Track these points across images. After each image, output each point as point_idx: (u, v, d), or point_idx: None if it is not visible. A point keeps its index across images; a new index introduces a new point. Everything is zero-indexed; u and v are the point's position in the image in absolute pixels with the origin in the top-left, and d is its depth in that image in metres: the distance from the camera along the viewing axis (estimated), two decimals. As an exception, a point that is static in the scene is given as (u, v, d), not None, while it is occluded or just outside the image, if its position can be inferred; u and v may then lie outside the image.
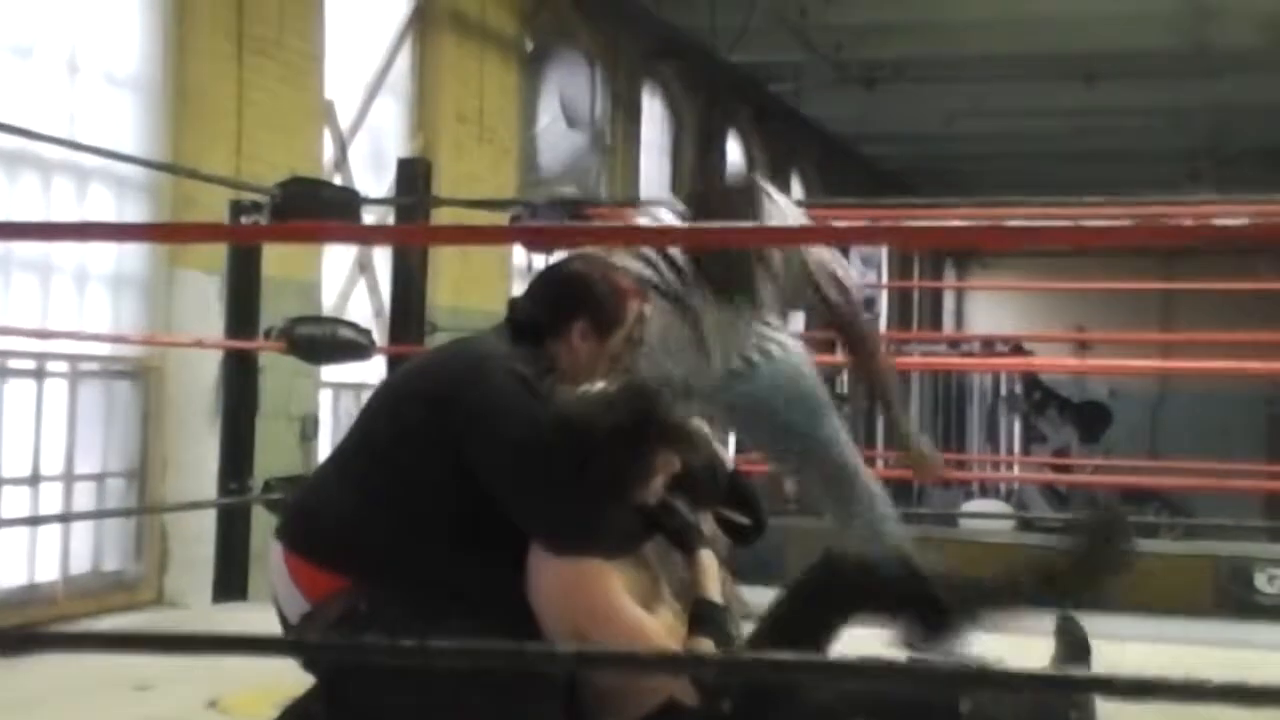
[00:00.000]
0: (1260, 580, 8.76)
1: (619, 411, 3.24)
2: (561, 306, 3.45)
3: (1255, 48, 13.01)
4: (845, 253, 15.86)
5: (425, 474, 3.29)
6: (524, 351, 3.40)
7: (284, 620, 3.37)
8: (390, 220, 7.91)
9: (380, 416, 3.46)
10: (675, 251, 4.33)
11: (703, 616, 3.31)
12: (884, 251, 19.46)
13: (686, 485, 3.42)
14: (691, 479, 3.43)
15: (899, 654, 3.51)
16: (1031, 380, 16.53)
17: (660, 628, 3.26)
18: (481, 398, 3.26)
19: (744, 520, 3.56)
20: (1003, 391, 16.76)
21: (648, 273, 4.24)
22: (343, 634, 3.21)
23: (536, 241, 3.86)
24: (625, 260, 4.05)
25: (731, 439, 4.71)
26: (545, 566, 3.25)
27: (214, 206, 6.82)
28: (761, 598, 3.71)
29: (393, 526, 3.29)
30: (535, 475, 3.23)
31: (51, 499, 7.05)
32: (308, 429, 8.52)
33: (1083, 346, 16.60)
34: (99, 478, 7.38)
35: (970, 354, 16.46)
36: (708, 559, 3.38)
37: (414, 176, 6.99)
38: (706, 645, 3.25)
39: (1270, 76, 14.00)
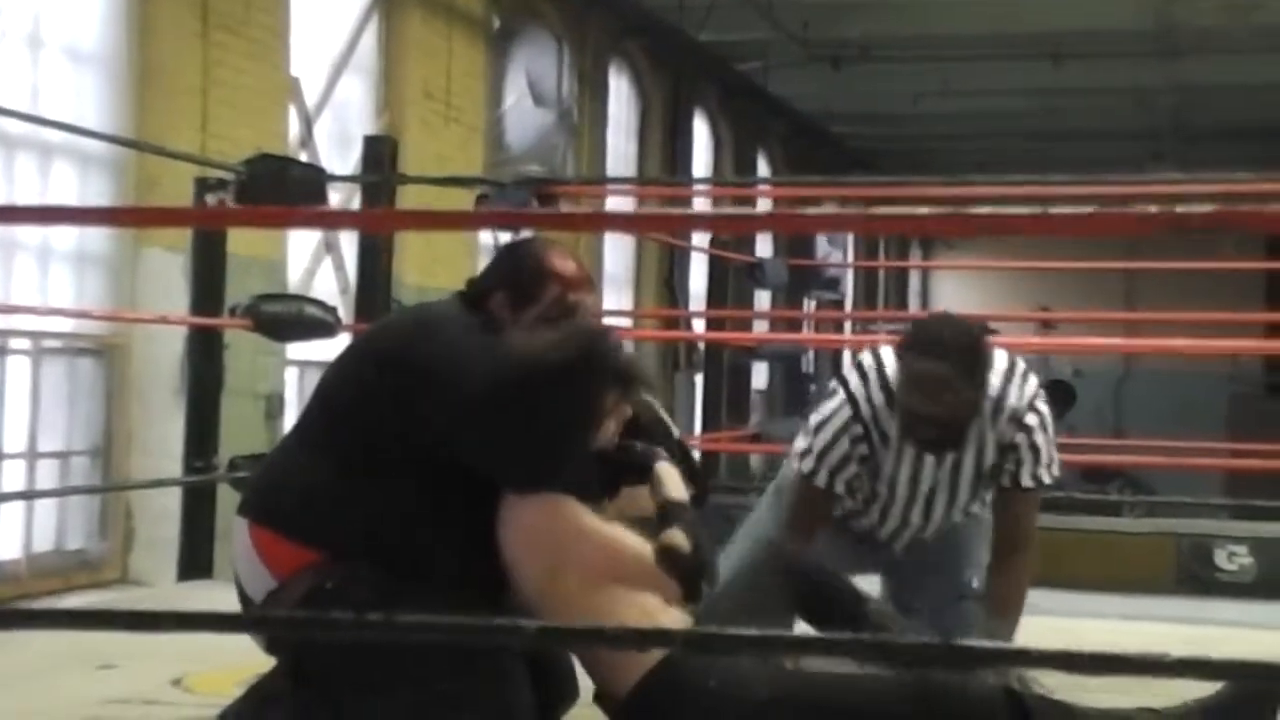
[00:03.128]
0: (1220, 558, 8.83)
1: (567, 348, 3.27)
2: (492, 274, 3.57)
3: (1219, 28, 13.09)
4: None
5: (385, 436, 3.30)
6: (472, 319, 3.46)
7: (247, 600, 3.36)
8: (356, 199, 7.89)
9: (337, 383, 3.47)
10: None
11: (670, 514, 3.35)
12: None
13: (639, 433, 3.51)
14: (644, 428, 3.51)
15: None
16: (996, 359, 16.56)
17: (635, 540, 3.30)
18: (430, 354, 3.30)
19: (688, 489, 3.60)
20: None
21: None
22: (313, 609, 3.21)
23: (500, 225, 3.87)
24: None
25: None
26: (514, 512, 3.27)
27: (179, 183, 6.79)
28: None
29: (359, 492, 3.28)
30: (492, 417, 3.25)
31: (15, 477, 7.02)
32: (273, 407, 8.50)
33: (1047, 325, 16.65)
34: (63, 455, 7.36)
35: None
36: (665, 469, 3.43)
37: (380, 154, 6.97)
38: (679, 536, 3.28)
39: (1233, 57, 14.09)
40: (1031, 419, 4.03)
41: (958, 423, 3.96)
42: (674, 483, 3.43)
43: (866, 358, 4.16)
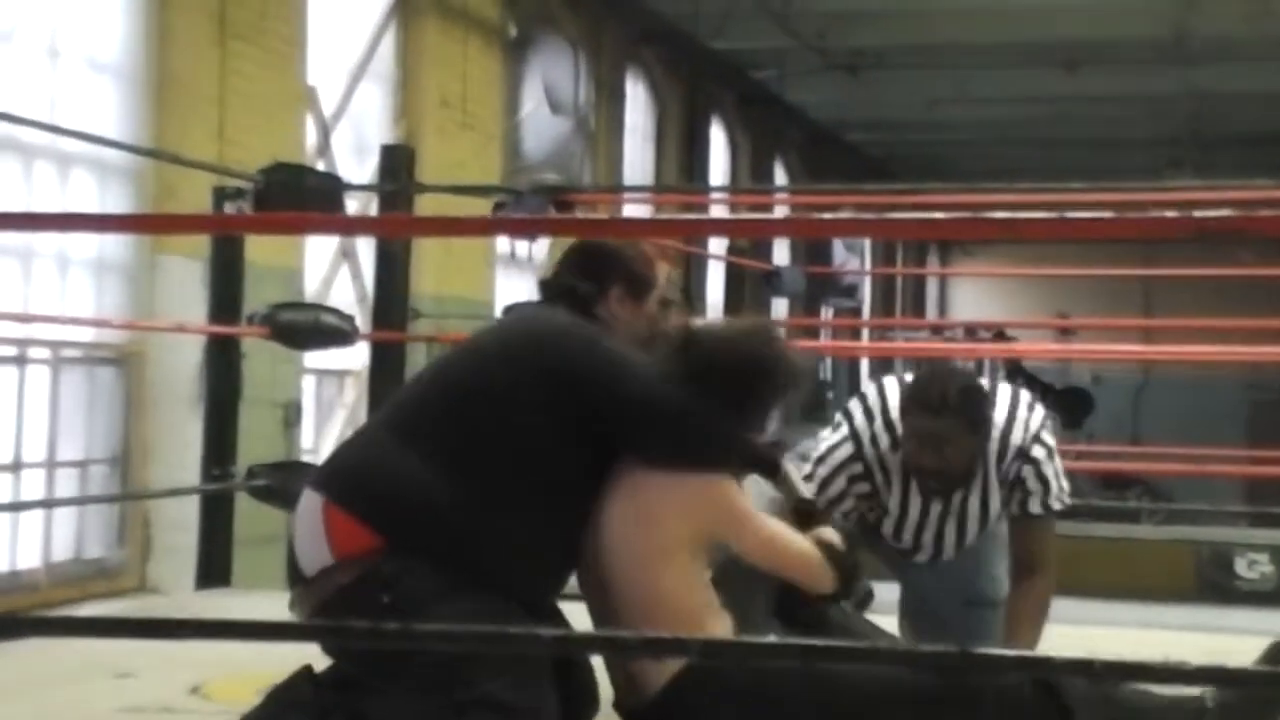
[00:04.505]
0: (1240, 565, 8.80)
1: (747, 345, 3.50)
2: (599, 275, 3.62)
3: (1234, 35, 13.05)
4: (827, 238, 15.86)
5: (513, 440, 3.34)
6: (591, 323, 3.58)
7: (298, 575, 3.36)
8: (373, 207, 7.89)
9: (465, 384, 3.48)
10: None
11: (810, 512, 3.55)
12: (867, 238, 19.48)
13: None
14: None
15: None
16: (1014, 366, 16.55)
17: (795, 534, 3.44)
18: (593, 359, 3.42)
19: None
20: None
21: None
22: (357, 593, 3.22)
23: (518, 233, 3.89)
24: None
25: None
26: (673, 485, 3.37)
27: (197, 193, 6.80)
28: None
29: (452, 493, 3.30)
30: (664, 402, 3.41)
31: (34, 486, 7.04)
32: (291, 415, 8.51)
33: (1065, 332, 16.62)
34: (81, 464, 7.37)
35: (953, 340, 16.49)
36: (792, 469, 3.64)
37: (397, 163, 6.98)
38: (833, 534, 3.47)
39: (1249, 64, 14.05)
40: (1038, 451, 4.05)
41: (961, 472, 4.01)
42: (801, 483, 3.62)
43: (871, 393, 4.17)
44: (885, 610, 4.15)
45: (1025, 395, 4.13)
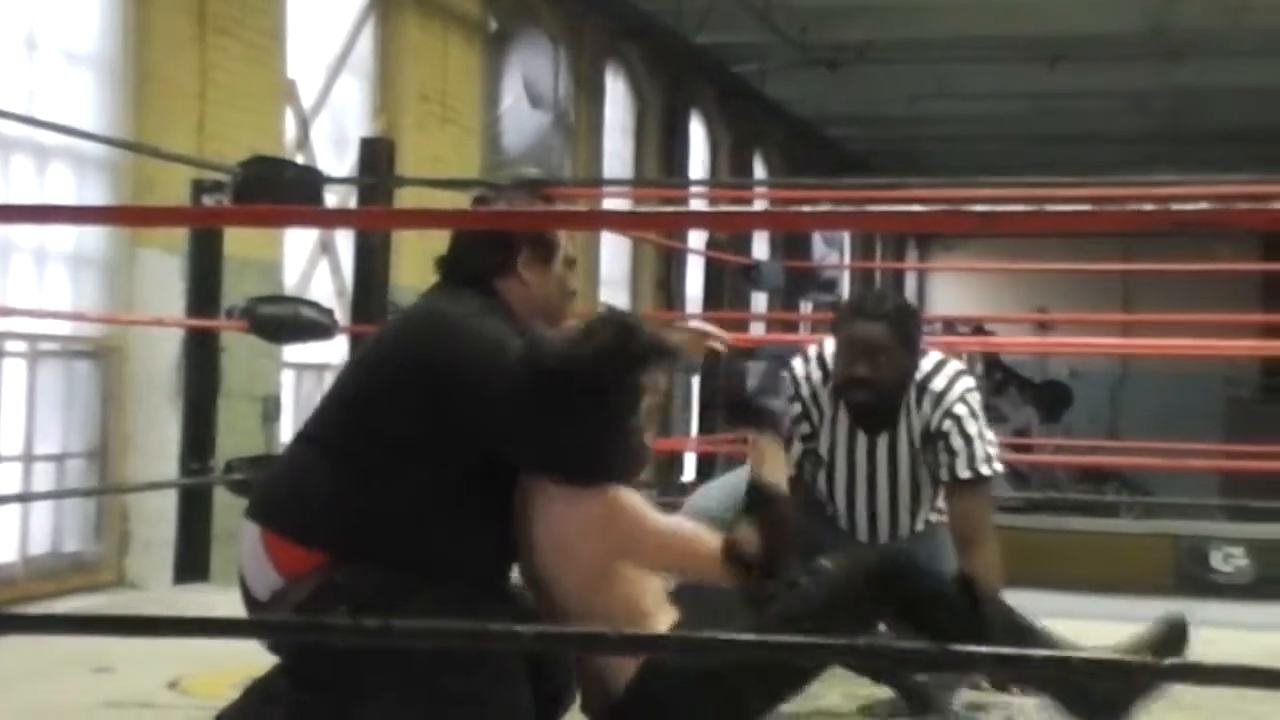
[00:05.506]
0: (1217, 559, 8.84)
1: (600, 336, 3.34)
2: (503, 242, 3.53)
3: (1214, 30, 13.10)
4: (807, 232, 15.88)
5: (406, 439, 3.31)
6: (478, 302, 3.45)
7: (252, 600, 3.36)
8: (353, 200, 7.88)
9: (353, 387, 3.47)
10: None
11: (754, 502, 3.38)
12: (846, 232, 19.50)
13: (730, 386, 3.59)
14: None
15: None
16: (993, 360, 16.61)
17: (692, 532, 3.38)
18: (460, 355, 3.31)
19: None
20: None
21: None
22: (315, 608, 3.21)
23: (497, 226, 3.89)
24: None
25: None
26: (569, 508, 3.30)
27: (175, 185, 6.78)
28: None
29: (372, 495, 3.30)
30: (536, 415, 3.29)
31: (11, 479, 7.01)
32: (270, 410, 8.49)
33: (1044, 327, 16.68)
34: (59, 458, 7.34)
35: (932, 334, 16.51)
36: (771, 445, 3.48)
37: (377, 157, 6.97)
38: (746, 533, 3.31)
39: (1229, 59, 14.10)
40: (960, 409, 4.18)
41: (888, 387, 4.14)
42: (775, 461, 3.48)
43: (812, 346, 4.36)
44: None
45: (957, 363, 4.31)
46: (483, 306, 3.44)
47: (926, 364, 4.22)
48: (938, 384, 4.19)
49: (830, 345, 4.27)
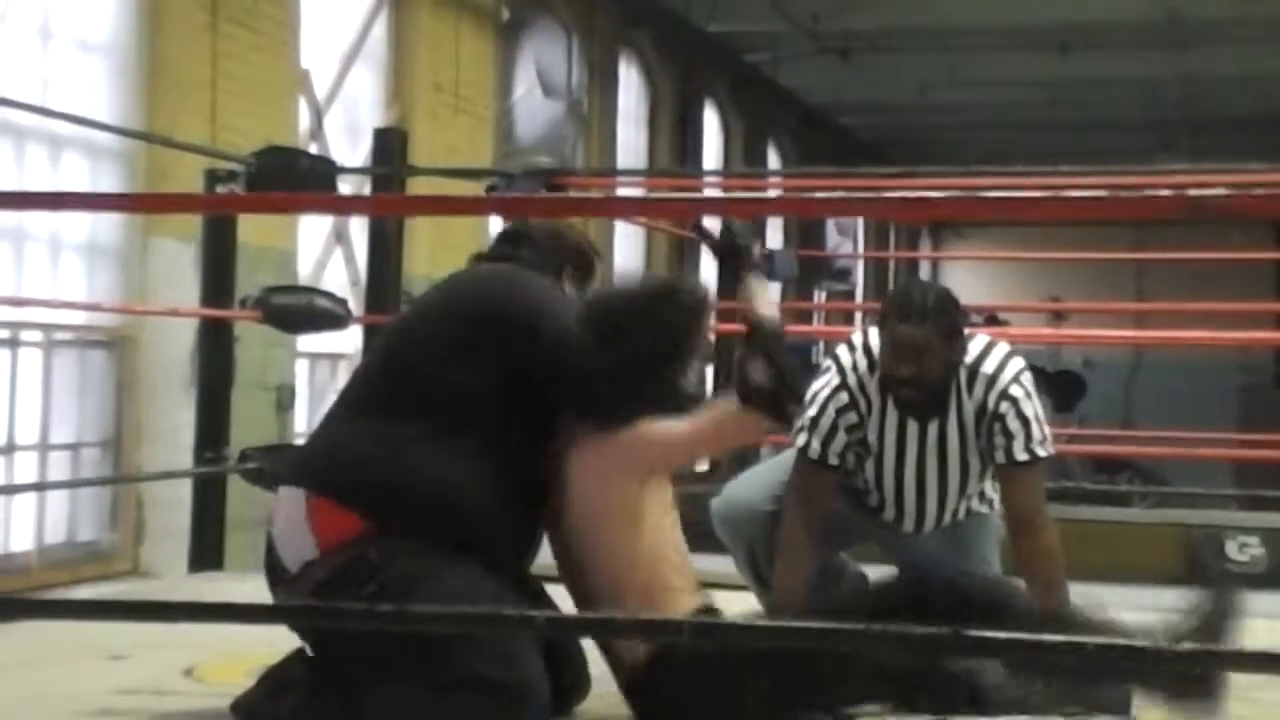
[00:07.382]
0: (1231, 548, 8.81)
1: (647, 292, 3.60)
2: (555, 255, 3.75)
3: (1227, 18, 13.06)
4: (821, 221, 15.86)
5: (455, 399, 3.38)
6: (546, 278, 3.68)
7: (278, 574, 3.37)
8: (366, 190, 7.88)
9: (404, 346, 3.54)
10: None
11: (754, 340, 3.59)
12: (860, 221, 19.48)
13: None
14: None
15: None
16: (1006, 350, 16.56)
17: (709, 415, 3.59)
18: (520, 303, 3.48)
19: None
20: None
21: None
22: (342, 584, 3.22)
23: (511, 212, 3.94)
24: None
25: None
26: (604, 444, 3.46)
27: (189, 176, 6.79)
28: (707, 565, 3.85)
29: (418, 462, 3.33)
30: (581, 355, 3.45)
31: (26, 469, 7.03)
32: (284, 399, 8.51)
33: (1057, 316, 16.63)
34: (74, 447, 7.37)
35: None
36: (758, 282, 3.75)
37: (390, 146, 6.97)
38: (759, 373, 3.52)
39: (1241, 47, 14.06)
40: (1016, 390, 4.12)
41: (935, 384, 4.08)
42: (764, 297, 3.72)
43: (856, 334, 4.28)
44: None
45: (1005, 346, 4.23)
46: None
47: (974, 348, 4.16)
48: (988, 366, 4.13)
49: (875, 335, 4.19)
